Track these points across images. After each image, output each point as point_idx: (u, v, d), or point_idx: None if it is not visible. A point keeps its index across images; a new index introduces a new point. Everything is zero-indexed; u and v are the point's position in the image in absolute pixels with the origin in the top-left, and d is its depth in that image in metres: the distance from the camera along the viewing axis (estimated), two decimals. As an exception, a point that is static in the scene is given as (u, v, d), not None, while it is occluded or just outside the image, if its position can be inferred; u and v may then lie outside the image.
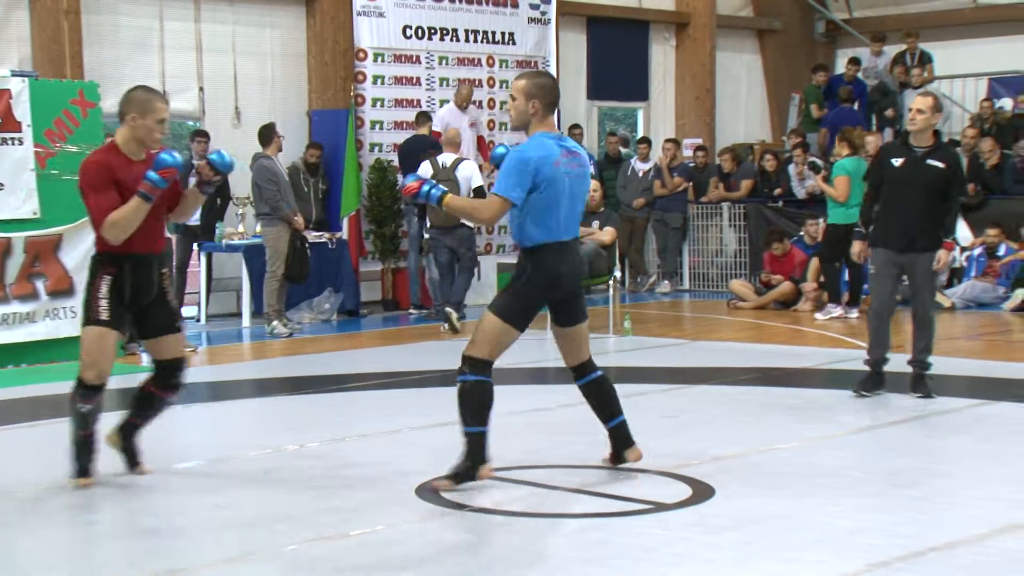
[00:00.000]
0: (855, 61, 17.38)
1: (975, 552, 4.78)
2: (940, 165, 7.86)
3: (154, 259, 6.08)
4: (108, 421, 6.20)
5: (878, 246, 8.10)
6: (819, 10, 19.56)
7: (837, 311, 12.76)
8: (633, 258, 16.29)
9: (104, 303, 5.91)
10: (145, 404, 6.26)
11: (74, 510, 5.66)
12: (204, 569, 4.75)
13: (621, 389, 8.76)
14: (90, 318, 5.95)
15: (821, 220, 13.71)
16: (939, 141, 8.04)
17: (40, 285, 10.40)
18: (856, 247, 8.36)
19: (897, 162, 7.98)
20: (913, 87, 16.07)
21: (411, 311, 13.94)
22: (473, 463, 5.78)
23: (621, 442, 6.18)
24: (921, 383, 8.07)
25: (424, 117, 14.12)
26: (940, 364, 8.50)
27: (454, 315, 12.11)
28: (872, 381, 8.19)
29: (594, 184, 13.01)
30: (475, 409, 5.75)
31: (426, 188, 5.96)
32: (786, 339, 11.36)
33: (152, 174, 5.87)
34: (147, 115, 5.99)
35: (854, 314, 12.70)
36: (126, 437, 6.27)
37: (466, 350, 5.80)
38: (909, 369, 8.15)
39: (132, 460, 6.27)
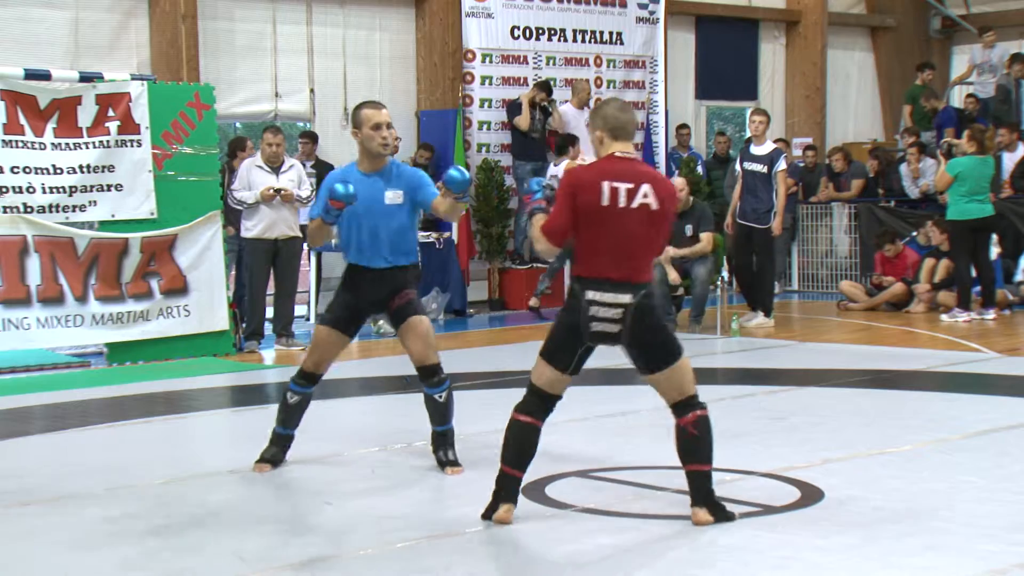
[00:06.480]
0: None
1: (1096, 561, 4.65)
2: None
3: None
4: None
5: None
6: (935, 6, 19.17)
7: (964, 316, 12.12)
8: (741, 259, 16.11)
9: None
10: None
11: (186, 504, 5.77)
12: (312, 565, 4.82)
13: (729, 390, 8.77)
14: None
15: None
16: None
17: (155, 284, 10.63)
18: None
19: None
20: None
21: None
22: None
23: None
24: None
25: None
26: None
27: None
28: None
29: (679, 182, 12.67)
30: None
31: None
32: (898, 341, 11.16)
33: None
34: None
35: (991, 315, 12.29)
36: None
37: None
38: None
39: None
